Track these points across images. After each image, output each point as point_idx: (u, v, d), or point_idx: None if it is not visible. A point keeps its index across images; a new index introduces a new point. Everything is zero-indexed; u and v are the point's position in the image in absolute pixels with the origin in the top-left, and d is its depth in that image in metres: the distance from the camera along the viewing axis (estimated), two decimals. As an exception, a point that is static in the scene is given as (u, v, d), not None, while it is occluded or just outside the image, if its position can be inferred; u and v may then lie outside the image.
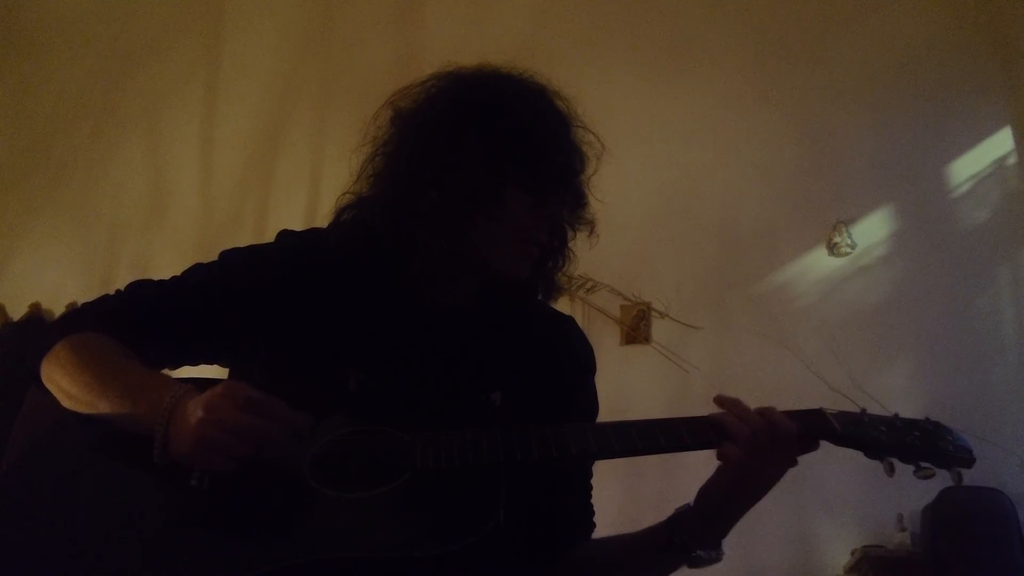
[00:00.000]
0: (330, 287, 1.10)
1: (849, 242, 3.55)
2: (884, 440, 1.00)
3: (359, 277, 1.11)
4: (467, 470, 0.93)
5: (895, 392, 3.29)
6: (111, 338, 1.05)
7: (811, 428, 1.00)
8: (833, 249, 3.57)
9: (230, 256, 1.15)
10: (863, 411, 1.03)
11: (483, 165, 1.05)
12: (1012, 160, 3.53)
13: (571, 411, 1.12)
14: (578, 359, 1.21)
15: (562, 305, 1.26)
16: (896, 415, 1.03)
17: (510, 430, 0.96)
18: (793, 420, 0.99)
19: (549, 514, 1.12)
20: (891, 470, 1.00)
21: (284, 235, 1.17)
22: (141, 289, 1.12)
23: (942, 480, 0.96)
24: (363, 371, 1.03)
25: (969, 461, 1.00)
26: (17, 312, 4.39)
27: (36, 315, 4.35)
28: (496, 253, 1.09)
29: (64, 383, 1.00)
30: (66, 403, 1.00)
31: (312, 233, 1.17)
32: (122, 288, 1.13)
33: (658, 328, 3.64)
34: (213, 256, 1.16)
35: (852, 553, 3.11)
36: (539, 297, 1.19)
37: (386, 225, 1.09)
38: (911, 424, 1.02)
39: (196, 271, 1.14)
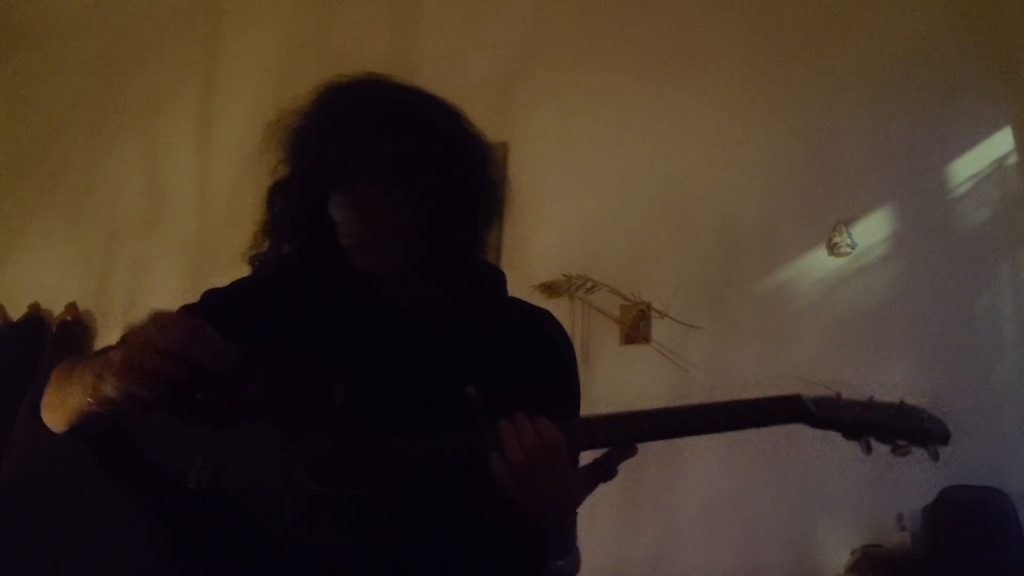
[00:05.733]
0: (295, 313, 1.12)
1: (849, 242, 3.54)
2: (860, 420, 1.03)
3: (320, 297, 1.14)
4: (459, 467, 0.95)
5: (895, 392, 3.27)
6: None
7: (787, 413, 1.03)
8: (833, 249, 3.56)
9: (209, 296, 1.18)
10: (838, 394, 1.06)
11: (299, 177, 1.11)
12: (1012, 160, 3.52)
13: (549, 403, 1.11)
14: (554, 351, 1.21)
15: (562, 305, 1.26)
16: (871, 397, 1.06)
17: (495, 427, 0.98)
18: (559, 431, 0.97)
19: None
20: (868, 449, 1.03)
21: (256, 262, 1.20)
22: None
23: (942, 480, 0.98)
24: (347, 382, 1.04)
25: (944, 437, 1.04)
26: (16, 312, 4.39)
27: (35, 315, 4.35)
28: (359, 250, 1.10)
29: (47, 395, 1.01)
30: (49, 417, 1.00)
31: (242, 281, 1.21)
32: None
33: (658, 328, 3.64)
34: (208, 258, 1.20)
35: (852, 553, 3.11)
36: (464, 271, 1.17)
37: (275, 253, 1.16)
38: (886, 405, 1.06)
39: None
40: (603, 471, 1.01)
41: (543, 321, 1.24)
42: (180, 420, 0.91)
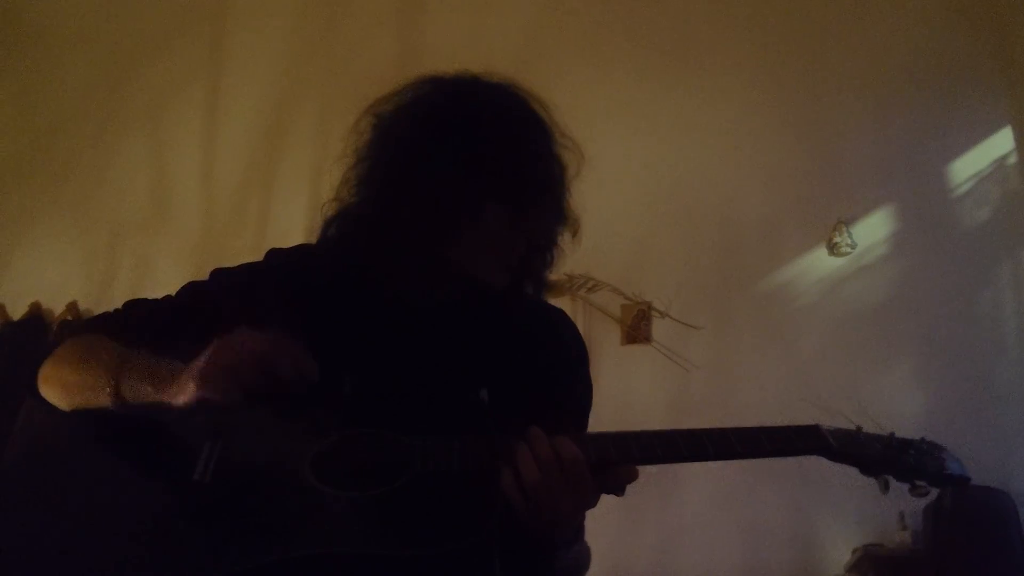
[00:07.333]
0: (318, 298, 1.12)
1: (849, 242, 3.55)
2: (879, 458, 1.01)
3: (345, 285, 1.13)
4: (466, 473, 0.94)
5: (896, 392, 3.29)
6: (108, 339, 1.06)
7: (806, 444, 1.01)
8: (833, 249, 3.57)
9: (220, 275, 1.17)
10: (859, 428, 1.04)
11: (461, 178, 1.07)
12: (1012, 160, 3.53)
13: (561, 404, 1.11)
14: (565, 350, 1.20)
15: (563, 304, 1.27)
16: (892, 434, 1.03)
17: (507, 436, 0.96)
18: (578, 447, 0.95)
19: None
20: (886, 487, 1.01)
21: (273, 253, 1.19)
22: (136, 307, 1.14)
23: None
24: (355, 375, 1.03)
25: (964, 481, 1.01)
26: (17, 312, 4.39)
27: (36, 315, 4.34)
28: (476, 263, 1.10)
29: (64, 372, 1.02)
30: (62, 395, 1.02)
31: (300, 249, 1.20)
32: (119, 307, 1.16)
33: (659, 328, 3.65)
34: (213, 256, 1.18)
35: (853, 552, 3.11)
36: (529, 293, 1.18)
37: (367, 236, 1.11)
38: (906, 443, 1.02)
39: (189, 289, 1.16)
40: (611, 488, 0.99)
41: (557, 320, 1.23)
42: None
